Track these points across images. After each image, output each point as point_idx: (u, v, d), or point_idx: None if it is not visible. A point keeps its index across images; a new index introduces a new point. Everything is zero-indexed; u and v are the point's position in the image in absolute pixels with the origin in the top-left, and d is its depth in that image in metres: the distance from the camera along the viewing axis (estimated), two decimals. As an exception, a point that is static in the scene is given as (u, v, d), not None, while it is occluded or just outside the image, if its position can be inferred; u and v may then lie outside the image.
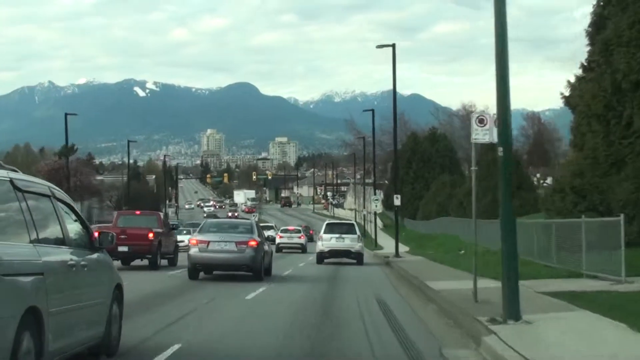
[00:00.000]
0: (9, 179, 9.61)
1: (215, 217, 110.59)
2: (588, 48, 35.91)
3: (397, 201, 53.67)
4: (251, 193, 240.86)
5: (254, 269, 29.82)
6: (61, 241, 10.74)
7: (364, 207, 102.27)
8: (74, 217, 11.73)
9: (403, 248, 63.79)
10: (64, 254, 10.59)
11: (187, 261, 30.40)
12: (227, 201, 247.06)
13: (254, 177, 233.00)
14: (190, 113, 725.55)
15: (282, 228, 78.99)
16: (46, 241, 10.13)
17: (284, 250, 66.00)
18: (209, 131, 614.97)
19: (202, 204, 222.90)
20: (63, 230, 10.91)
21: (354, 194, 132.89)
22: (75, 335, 10.70)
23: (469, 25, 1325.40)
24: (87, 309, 11.19)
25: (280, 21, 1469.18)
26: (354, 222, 57.66)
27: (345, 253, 46.00)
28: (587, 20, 36.07)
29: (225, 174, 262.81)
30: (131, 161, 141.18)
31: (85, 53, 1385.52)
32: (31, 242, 9.59)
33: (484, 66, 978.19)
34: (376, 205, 72.79)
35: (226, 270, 30.56)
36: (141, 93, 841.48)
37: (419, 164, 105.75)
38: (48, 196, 10.83)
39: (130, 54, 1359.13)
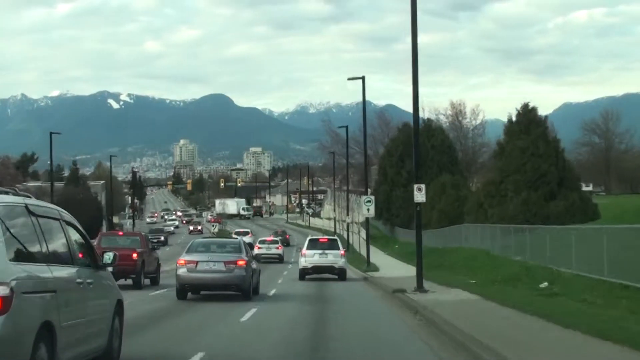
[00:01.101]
0: (24, 204, 10.65)
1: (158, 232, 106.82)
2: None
3: (419, 195, 32.13)
4: (242, 202, 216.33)
5: (243, 288, 29.51)
6: (70, 260, 11.65)
7: (348, 215, 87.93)
8: (79, 237, 12.55)
9: (409, 269, 49.17)
10: (72, 273, 11.52)
11: (175, 281, 30.43)
12: (194, 211, 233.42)
13: (222, 184, 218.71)
14: (165, 125, 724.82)
15: (260, 239, 79.99)
16: (57, 261, 11.05)
17: (261, 261, 64.52)
18: (181, 142, 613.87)
19: (165, 216, 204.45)
20: (71, 250, 11.82)
21: (332, 202, 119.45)
22: (81, 347, 11.58)
23: (446, 36, 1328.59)
24: (92, 323, 12.10)
25: (254, 32, 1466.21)
26: (336, 237, 55.60)
27: (329, 269, 45.24)
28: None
29: (189, 181, 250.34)
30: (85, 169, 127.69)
31: (58, 65, 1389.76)
32: (45, 261, 10.53)
33: (461, 77, 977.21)
34: (368, 209, 55.85)
35: (215, 290, 30.19)
36: (115, 105, 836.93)
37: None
38: (57, 219, 11.71)
39: (103, 66, 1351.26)
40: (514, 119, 54.53)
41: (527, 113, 53.72)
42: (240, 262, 29.36)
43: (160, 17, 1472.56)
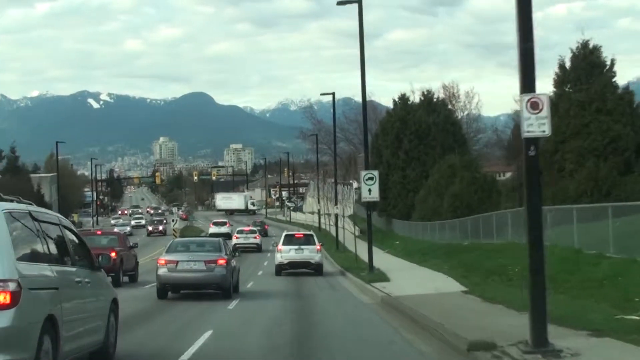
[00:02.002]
0: (27, 211, 11.77)
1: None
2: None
3: (533, 119, 13.67)
4: (248, 195, 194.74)
5: (224, 287, 29.77)
6: (69, 261, 12.72)
7: (336, 205, 74.39)
8: (77, 241, 13.63)
9: (432, 275, 35.19)
10: (72, 272, 12.64)
11: (156, 281, 30.79)
12: (165, 208, 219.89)
13: (195, 178, 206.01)
14: (146, 124, 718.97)
15: (238, 229, 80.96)
16: (58, 261, 12.12)
17: (240, 250, 63.80)
18: (161, 139, 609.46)
19: (133, 214, 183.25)
20: (70, 252, 12.91)
21: (316, 193, 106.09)
22: (81, 340, 12.60)
23: (426, 32, 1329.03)
24: (91, 319, 13.15)
25: (235, 30, 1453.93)
26: (312, 232, 55.14)
27: (305, 264, 45.38)
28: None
29: (157, 174, 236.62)
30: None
31: (38, 65, 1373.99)
32: (47, 262, 11.66)
33: (440, 72, 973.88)
34: (370, 190, 38.25)
35: (196, 289, 30.35)
36: (95, 105, 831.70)
37: (413, 142, 76.75)
38: (57, 224, 12.85)
39: (83, 65, 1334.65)
40: (567, 63, 39.83)
41: (588, 55, 38.95)
42: (221, 261, 29.69)
43: (140, 16, 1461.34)
